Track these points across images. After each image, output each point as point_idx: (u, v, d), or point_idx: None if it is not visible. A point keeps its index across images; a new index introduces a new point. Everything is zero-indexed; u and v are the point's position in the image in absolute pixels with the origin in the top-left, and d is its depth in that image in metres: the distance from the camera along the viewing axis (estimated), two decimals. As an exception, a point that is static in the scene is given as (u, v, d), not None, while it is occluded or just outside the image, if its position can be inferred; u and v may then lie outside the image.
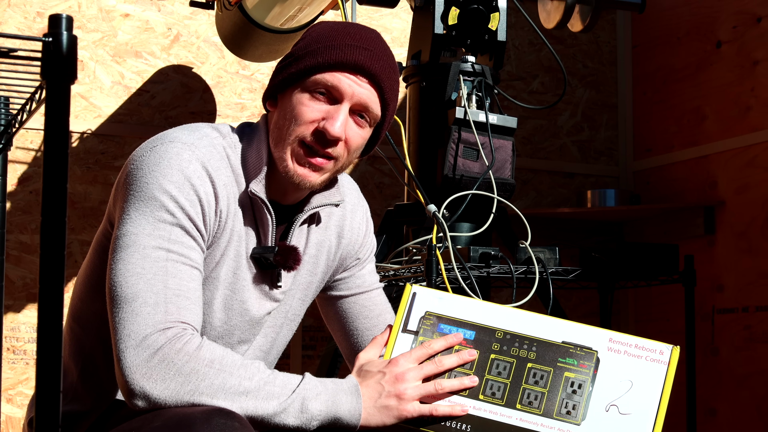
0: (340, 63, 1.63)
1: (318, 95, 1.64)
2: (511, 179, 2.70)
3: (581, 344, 1.57)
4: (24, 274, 3.14)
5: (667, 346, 1.57)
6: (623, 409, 1.52)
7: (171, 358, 1.48)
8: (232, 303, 1.69)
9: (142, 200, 1.56)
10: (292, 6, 2.87)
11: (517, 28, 3.86)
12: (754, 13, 3.55)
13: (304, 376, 1.55)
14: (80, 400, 1.71)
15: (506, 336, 1.58)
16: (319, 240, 1.79)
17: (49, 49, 1.15)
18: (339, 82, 1.63)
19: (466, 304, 1.62)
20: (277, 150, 1.66)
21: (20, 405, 3.10)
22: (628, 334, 1.58)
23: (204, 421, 1.42)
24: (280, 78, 1.69)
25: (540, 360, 1.56)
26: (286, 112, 1.66)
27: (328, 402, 1.53)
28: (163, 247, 1.54)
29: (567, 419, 1.52)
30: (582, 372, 1.55)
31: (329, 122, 1.63)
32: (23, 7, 3.21)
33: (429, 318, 1.60)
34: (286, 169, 1.65)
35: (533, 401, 1.53)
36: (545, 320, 1.59)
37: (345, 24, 1.71)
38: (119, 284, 1.53)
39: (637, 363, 1.55)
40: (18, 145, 3.14)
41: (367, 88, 1.65)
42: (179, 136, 1.63)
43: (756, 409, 3.41)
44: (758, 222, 3.45)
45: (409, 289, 1.62)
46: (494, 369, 1.56)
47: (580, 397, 1.53)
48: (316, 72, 1.64)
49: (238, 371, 1.50)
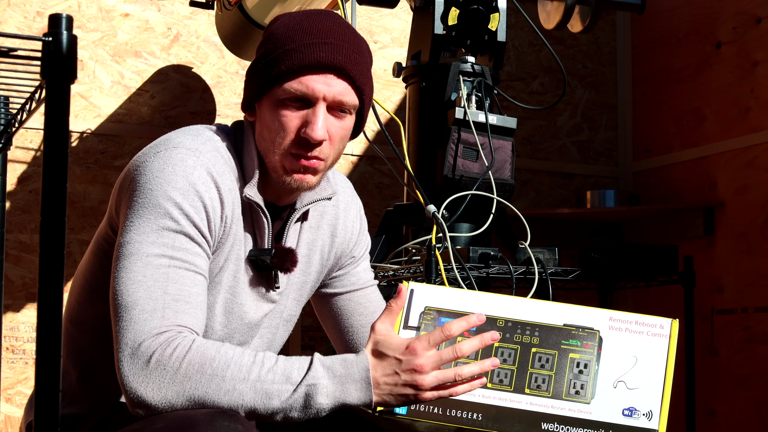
0: (303, 66, 1.60)
1: (290, 103, 1.62)
2: (511, 180, 2.70)
3: (582, 325, 1.58)
4: (23, 273, 3.14)
5: (666, 320, 1.59)
6: (630, 384, 1.54)
7: (164, 363, 1.46)
8: (232, 306, 1.69)
9: (146, 207, 1.55)
10: (291, 6, 2.87)
11: (517, 28, 3.86)
12: (754, 14, 3.55)
13: (311, 364, 1.48)
14: (78, 403, 1.70)
15: (507, 324, 1.58)
16: (312, 239, 1.79)
17: (49, 49, 1.15)
18: (307, 88, 1.60)
19: (465, 295, 1.62)
20: (268, 161, 1.65)
21: (19, 405, 3.10)
22: (627, 312, 1.60)
23: (207, 424, 1.41)
24: (251, 89, 1.66)
25: (543, 344, 1.57)
26: (266, 123, 1.64)
27: (336, 394, 1.48)
28: (166, 255, 1.53)
29: (576, 399, 1.53)
30: (586, 352, 1.56)
31: (310, 128, 1.60)
32: (23, 6, 3.21)
33: (429, 313, 1.60)
34: (282, 180, 1.64)
35: (541, 385, 1.54)
36: (544, 305, 1.61)
37: (300, 19, 1.66)
38: (120, 293, 1.52)
39: (639, 339, 1.57)
40: (18, 145, 3.14)
41: (338, 83, 1.62)
42: (183, 141, 1.61)
43: (755, 410, 3.41)
44: (758, 223, 3.45)
45: (406, 287, 1.62)
46: (499, 357, 1.56)
47: (587, 377, 1.55)
48: (283, 81, 1.61)
49: (231, 372, 1.47)
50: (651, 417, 1.51)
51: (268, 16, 2.93)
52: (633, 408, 1.52)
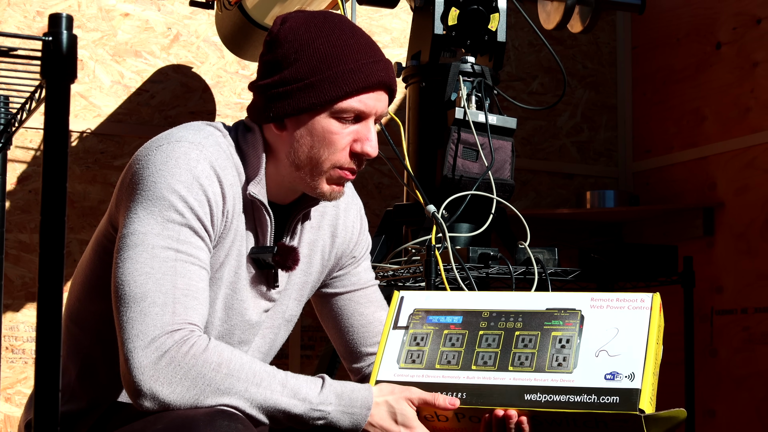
0: (365, 87, 1.63)
1: (345, 120, 1.64)
2: (511, 180, 2.70)
3: (564, 307, 1.61)
4: (23, 273, 3.14)
5: (648, 295, 1.61)
6: (612, 352, 1.55)
7: (178, 361, 1.48)
8: (233, 303, 1.69)
9: (150, 199, 1.55)
10: (291, 6, 2.87)
11: (517, 28, 3.86)
12: (753, 14, 3.55)
13: (322, 387, 1.56)
14: (77, 401, 1.70)
15: (492, 314, 1.64)
16: (312, 239, 1.80)
17: (49, 48, 1.14)
18: (366, 107, 1.64)
19: (452, 296, 1.69)
20: (303, 174, 1.66)
21: (19, 404, 3.10)
22: (608, 293, 1.63)
23: (207, 423, 1.42)
24: (293, 104, 1.63)
25: (527, 327, 1.61)
26: (313, 139, 1.64)
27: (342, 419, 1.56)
28: (172, 248, 1.54)
29: (559, 370, 1.55)
30: (568, 329, 1.59)
31: (365, 144, 1.64)
32: (23, 6, 3.21)
33: (417, 314, 1.67)
34: (321, 193, 1.67)
35: (524, 362, 1.57)
36: (527, 295, 1.66)
37: (339, 34, 1.65)
38: (127, 283, 1.52)
39: (620, 312, 1.59)
40: (17, 144, 3.14)
41: (385, 99, 1.67)
42: (185, 135, 1.61)
43: (755, 411, 3.41)
44: (757, 223, 3.45)
45: (396, 295, 1.69)
46: (484, 342, 1.60)
47: (569, 350, 1.57)
48: (343, 99, 1.62)
49: (246, 375, 1.50)
50: (633, 378, 1.51)
51: (268, 16, 2.93)
52: (615, 372, 1.53)
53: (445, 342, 1.62)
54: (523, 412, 1.52)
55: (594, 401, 1.50)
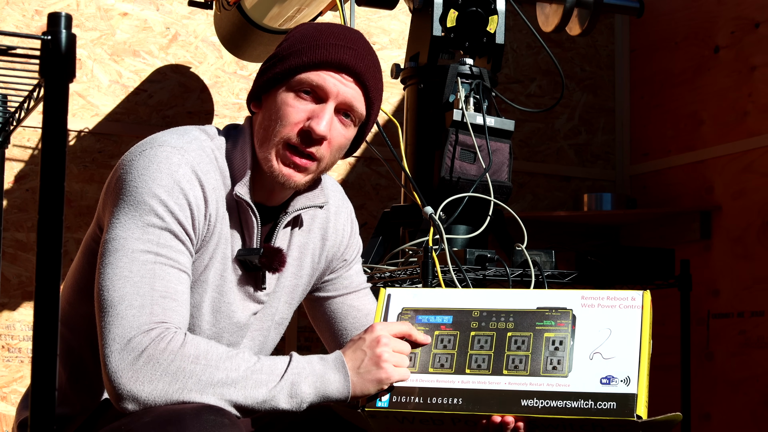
0: (325, 62, 1.64)
1: (303, 95, 1.64)
2: (508, 182, 2.70)
3: (555, 306, 1.61)
4: (20, 272, 3.13)
5: (638, 293, 1.61)
6: (606, 354, 1.55)
7: (156, 358, 1.47)
8: (220, 305, 1.69)
9: (132, 204, 1.56)
10: (290, 6, 2.87)
11: (516, 31, 3.86)
12: (752, 18, 3.55)
13: (291, 358, 1.55)
14: (69, 403, 1.70)
15: (483, 314, 1.63)
16: (303, 242, 1.80)
17: (48, 47, 1.15)
18: (324, 81, 1.63)
19: (441, 294, 1.68)
20: (262, 151, 1.66)
21: (14, 403, 3.10)
22: (598, 290, 1.62)
23: (194, 417, 1.42)
24: (264, 78, 1.68)
25: (519, 328, 1.60)
26: (272, 112, 1.66)
27: (317, 383, 1.53)
28: (151, 251, 1.54)
29: (554, 374, 1.55)
30: (561, 330, 1.59)
31: (315, 121, 1.63)
32: (22, 4, 3.21)
33: (406, 313, 1.66)
34: (271, 170, 1.65)
35: (519, 365, 1.57)
36: (517, 293, 1.66)
37: (328, 24, 1.71)
38: (106, 288, 1.52)
39: (612, 312, 1.59)
40: (15, 143, 3.14)
41: (352, 87, 1.66)
42: (168, 139, 1.62)
43: (750, 414, 3.41)
44: (754, 227, 3.46)
45: (383, 292, 1.68)
46: (476, 344, 1.60)
47: (563, 353, 1.56)
48: (301, 71, 1.64)
49: (224, 363, 1.50)
50: (629, 382, 1.51)
51: (267, 17, 2.93)
52: (611, 376, 1.53)
53: (437, 344, 1.62)
54: (520, 417, 1.52)
55: (591, 407, 1.50)
